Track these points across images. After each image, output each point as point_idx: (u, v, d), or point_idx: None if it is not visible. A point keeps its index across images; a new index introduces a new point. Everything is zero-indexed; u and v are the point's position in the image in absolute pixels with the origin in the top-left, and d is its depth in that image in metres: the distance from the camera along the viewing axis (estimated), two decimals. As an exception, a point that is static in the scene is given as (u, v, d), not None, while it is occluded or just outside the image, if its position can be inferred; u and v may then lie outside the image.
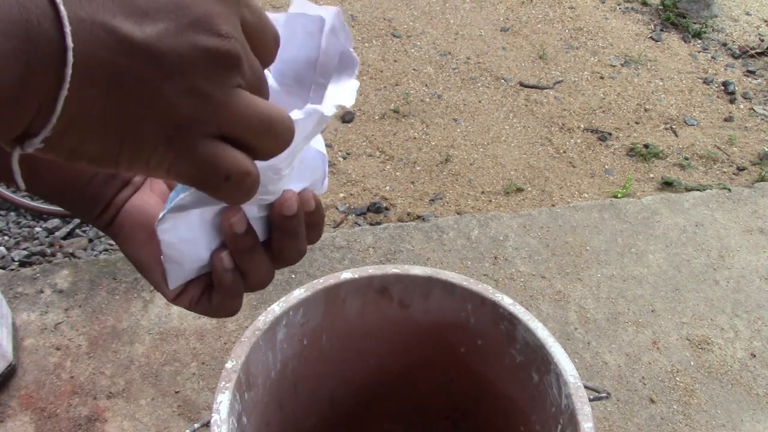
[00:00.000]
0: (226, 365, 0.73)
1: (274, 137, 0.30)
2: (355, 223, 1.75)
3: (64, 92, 0.24)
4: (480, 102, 2.18)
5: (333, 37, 0.36)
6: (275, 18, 0.37)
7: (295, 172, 0.38)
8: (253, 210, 0.38)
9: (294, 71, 0.38)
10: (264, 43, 0.31)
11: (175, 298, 0.41)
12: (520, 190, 1.88)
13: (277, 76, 0.38)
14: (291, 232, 0.39)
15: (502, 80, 2.28)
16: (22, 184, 0.27)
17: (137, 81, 0.26)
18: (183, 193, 0.35)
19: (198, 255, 0.39)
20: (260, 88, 0.30)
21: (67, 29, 0.24)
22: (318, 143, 0.39)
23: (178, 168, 0.29)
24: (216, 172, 0.29)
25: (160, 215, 0.36)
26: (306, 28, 0.36)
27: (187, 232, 0.37)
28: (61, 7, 0.24)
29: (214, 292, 0.41)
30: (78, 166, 0.29)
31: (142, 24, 0.26)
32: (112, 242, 1.64)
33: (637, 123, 2.19)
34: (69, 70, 0.24)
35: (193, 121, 0.27)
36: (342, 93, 0.35)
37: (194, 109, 0.27)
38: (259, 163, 0.31)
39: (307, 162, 0.38)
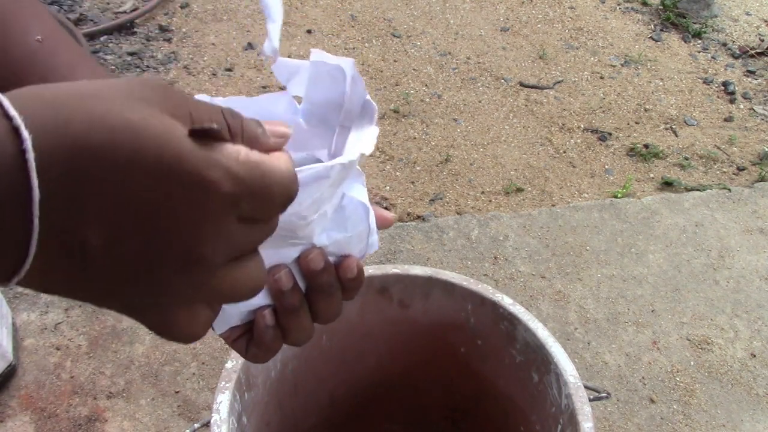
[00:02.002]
0: (226, 365, 0.73)
1: (240, 298, 0.31)
2: (355, 223, 1.75)
3: (18, 278, 0.25)
4: (480, 102, 2.18)
5: (354, 86, 0.38)
6: (300, 63, 0.39)
7: (330, 220, 0.37)
8: (290, 252, 0.37)
9: (321, 113, 0.40)
10: (269, 213, 0.30)
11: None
12: (520, 190, 1.88)
13: (305, 116, 0.40)
14: (322, 289, 0.38)
15: (502, 80, 2.28)
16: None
17: (100, 283, 0.27)
18: None
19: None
20: (248, 252, 0.30)
21: (34, 240, 0.24)
22: (359, 194, 0.39)
23: (142, 324, 0.30)
24: (172, 337, 0.30)
25: None
26: (330, 74, 0.38)
27: None
28: (35, 222, 0.24)
29: (251, 344, 0.40)
30: None
31: (116, 235, 0.26)
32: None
33: (637, 123, 2.19)
34: (26, 268, 0.25)
35: (155, 309, 0.29)
36: (363, 140, 0.36)
37: (159, 305, 0.29)
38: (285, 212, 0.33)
39: (347, 211, 0.38)
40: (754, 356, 1.49)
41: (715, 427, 1.35)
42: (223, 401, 0.69)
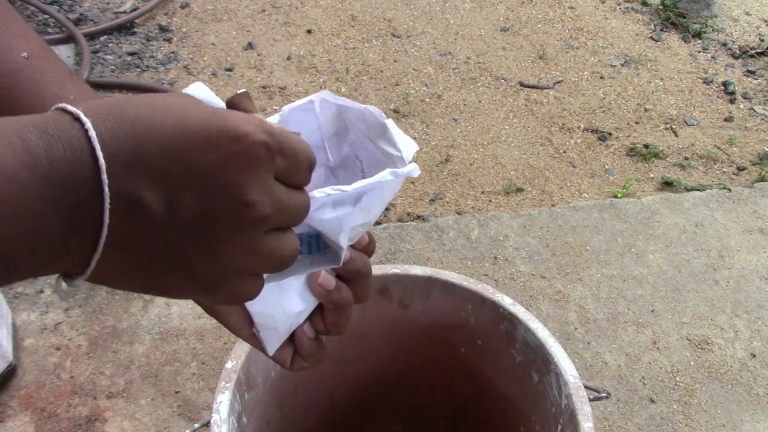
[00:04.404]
0: (226, 365, 0.73)
1: (279, 268, 0.34)
2: (355, 223, 1.75)
3: (97, 256, 0.29)
4: (480, 102, 2.18)
5: (325, 104, 0.41)
6: (271, 119, 0.42)
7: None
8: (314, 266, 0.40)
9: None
10: (300, 175, 0.33)
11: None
12: (520, 190, 1.88)
13: None
14: (359, 274, 0.41)
15: (502, 80, 2.28)
16: (63, 297, 0.33)
17: (165, 251, 0.30)
18: None
19: (286, 313, 0.40)
20: (290, 223, 0.34)
21: (107, 208, 0.28)
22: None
23: (204, 299, 0.35)
24: (238, 301, 0.34)
25: None
26: (301, 108, 0.41)
27: (272, 296, 0.40)
28: (106, 189, 0.28)
29: (296, 357, 0.42)
30: None
31: (175, 194, 0.29)
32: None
33: (637, 123, 2.19)
34: (102, 241, 0.29)
35: (215, 278, 0.32)
36: (401, 144, 0.40)
37: (217, 271, 0.31)
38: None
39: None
40: (754, 356, 1.49)
41: (715, 427, 1.35)
42: (223, 401, 0.69)
